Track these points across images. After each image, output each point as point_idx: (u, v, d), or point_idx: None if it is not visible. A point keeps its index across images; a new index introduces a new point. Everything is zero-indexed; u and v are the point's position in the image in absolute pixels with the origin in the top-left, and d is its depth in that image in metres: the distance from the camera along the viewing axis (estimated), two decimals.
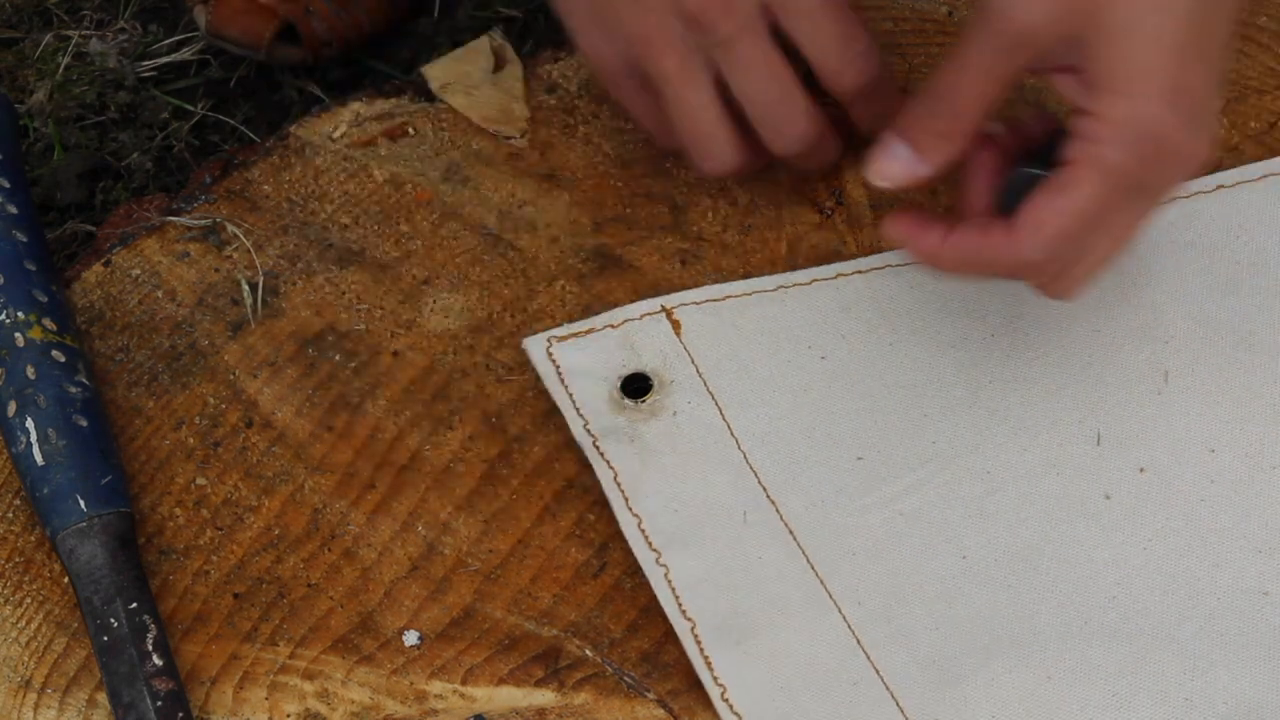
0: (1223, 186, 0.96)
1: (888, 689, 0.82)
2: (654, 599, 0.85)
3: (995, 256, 0.83)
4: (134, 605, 0.85)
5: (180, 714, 0.83)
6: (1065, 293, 0.86)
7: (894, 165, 0.86)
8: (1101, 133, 0.81)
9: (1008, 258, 0.83)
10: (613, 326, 0.92)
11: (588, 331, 0.91)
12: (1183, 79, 0.81)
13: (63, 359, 0.90)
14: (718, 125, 0.92)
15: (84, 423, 0.89)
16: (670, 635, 0.84)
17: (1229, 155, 0.98)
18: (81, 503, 0.86)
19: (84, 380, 0.90)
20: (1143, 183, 0.82)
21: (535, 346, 0.91)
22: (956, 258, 0.84)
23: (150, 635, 0.84)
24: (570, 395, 0.89)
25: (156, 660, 0.84)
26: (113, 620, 0.84)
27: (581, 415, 0.89)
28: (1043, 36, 0.81)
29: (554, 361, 0.90)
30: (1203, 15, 0.81)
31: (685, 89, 0.90)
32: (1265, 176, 0.97)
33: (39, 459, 0.87)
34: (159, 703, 0.82)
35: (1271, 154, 0.98)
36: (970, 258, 0.84)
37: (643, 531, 0.86)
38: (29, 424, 0.88)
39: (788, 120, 0.92)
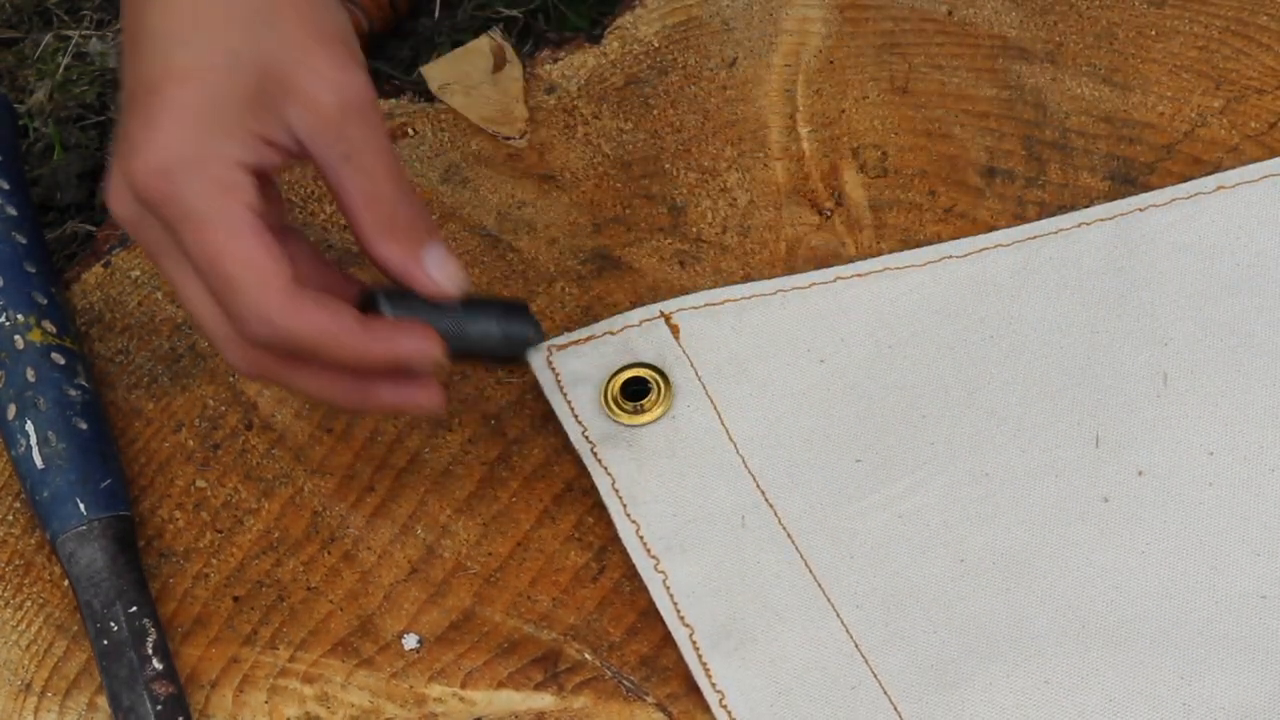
0: (1223, 187, 0.96)
1: (885, 693, 0.82)
2: (653, 602, 0.85)
3: None
4: (134, 609, 0.85)
5: (180, 718, 0.83)
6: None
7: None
8: None
9: None
10: (612, 334, 0.92)
11: (587, 339, 0.91)
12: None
13: (62, 361, 0.90)
14: (211, 324, 0.80)
15: (84, 425, 0.89)
16: (669, 639, 0.84)
17: (1229, 155, 0.98)
18: (81, 506, 0.87)
19: (84, 383, 0.90)
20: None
21: (535, 356, 0.91)
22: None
23: (150, 639, 0.84)
24: (569, 403, 0.89)
25: (156, 664, 0.84)
26: (112, 624, 0.84)
27: (580, 422, 0.89)
28: None
29: (554, 370, 0.90)
30: None
31: (178, 288, 0.80)
32: (1265, 177, 0.97)
33: (39, 462, 0.88)
34: (159, 707, 0.83)
35: (1271, 154, 0.98)
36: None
37: (641, 538, 0.86)
38: (29, 427, 0.88)
39: (228, 351, 0.80)
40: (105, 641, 0.84)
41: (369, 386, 0.81)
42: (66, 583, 0.87)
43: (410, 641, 0.86)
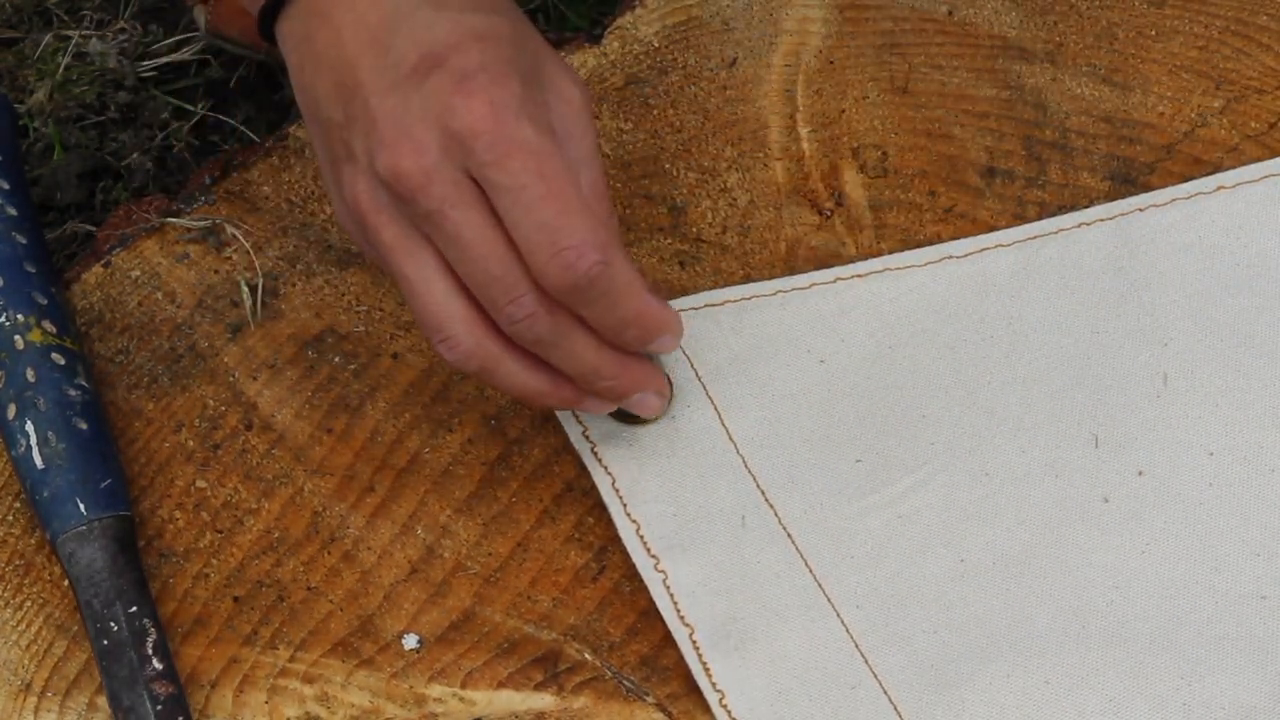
0: (1223, 187, 0.96)
1: (885, 693, 0.82)
2: (653, 602, 0.85)
3: None
4: (134, 609, 0.85)
5: (180, 718, 0.83)
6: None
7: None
8: None
9: None
10: None
11: None
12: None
13: (62, 362, 0.90)
14: (444, 302, 0.81)
15: (84, 426, 0.89)
16: (669, 639, 0.84)
17: (1229, 155, 0.98)
18: (81, 506, 0.87)
19: (84, 383, 0.90)
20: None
21: None
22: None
23: (150, 639, 0.84)
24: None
25: (156, 664, 0.84)
26: (113, 624, 0.84)
27: (580, 422, 0.89)
28: None
29: None
30: None
31: (403, 263, 0.81)
32: (1265, 177, 0.97)
33: (39, 462, 0.88)
34: (159, 707, 0.83)
35: (1271, 154, 0.98)
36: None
37: (641, 538, 0.86)
38: (29, 427, 0.88)
39: (510, 301, 0.80)
40: (105, 641, 0.84)
41: (626, 363, 0.83)
42: (66, 583, 0.87)
43: (410, 641, 0.86)
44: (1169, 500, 0.87)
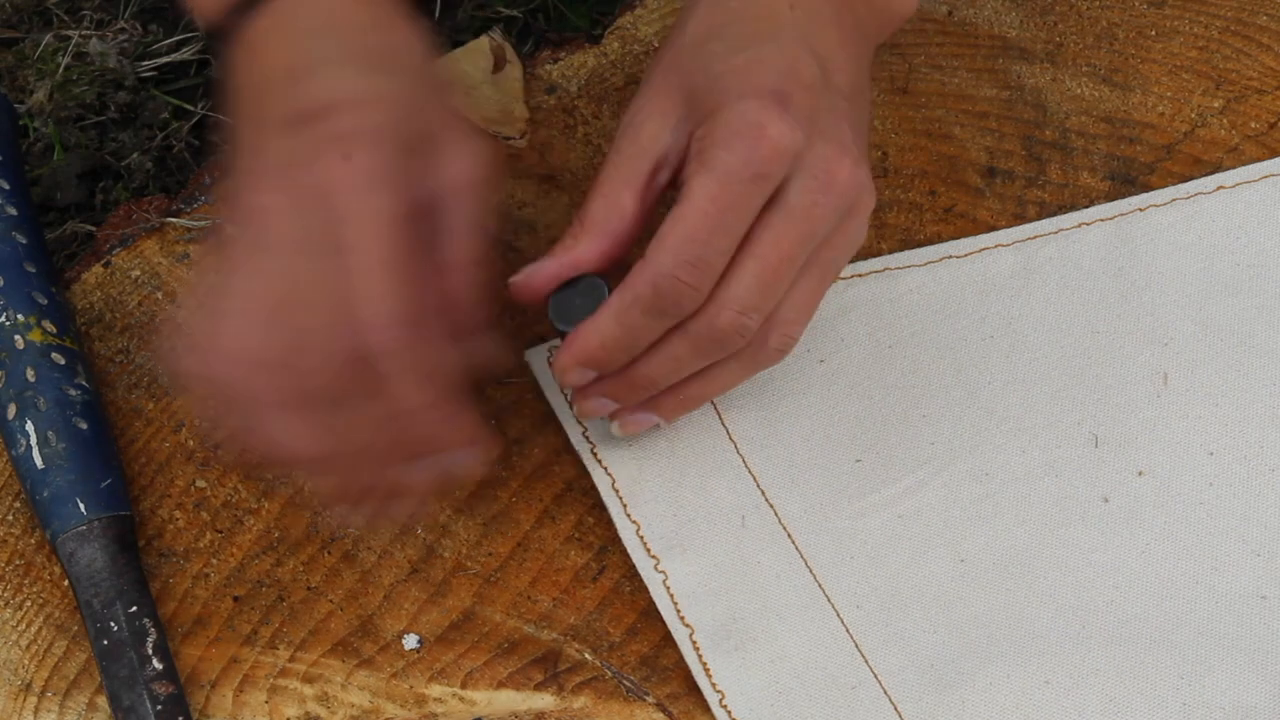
0: (1223, 187, 0.96)
1: (886, 693, 0.82)
2: (653, 602, 0.85)
3: (638, 285, 0.81)
4: (134, 609, 0.85)
5: (180, 718, 0.83)
6: (772, 348, 0.84)
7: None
8: (705, 140, 0.80)
9: (647, 279, 0.80)
10: None
11: None
12: (784, 85, 0.80)
13: (62, 361, 0.90)
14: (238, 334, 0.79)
15: (84, 425, 0.89)
16: (669, 639, 0.84)
17: (1229, 155, 0.98)
18: (81, 506, 0.87)
19: (84, 383, 0.90)
20: (760, 176, 0.80)
21: (536, 358, 0.91)
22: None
23: (150, 639, 0.84)
24: (569, 403, 0.89)
25: (156, 664, 0.84)
26: (112, 624, 0.84)
27: (580, 422, 0.89)
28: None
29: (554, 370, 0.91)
30: (797, 35, 0.82)
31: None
32: (1265, 177, 0.97)
33: (39, 462, 0.88)
34: (159, 706, 0.83)
35: (1271, 154, 0.98)
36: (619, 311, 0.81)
37: (641, 538, 0.86)
38: (29, 426, 0.88)
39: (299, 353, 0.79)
40: (105, 641, 0.84)
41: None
42: (66, 583, 0.87)
43: (410, 641, 0.86)
44: (1169, 500, 0.87)
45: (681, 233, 0.80)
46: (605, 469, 0.88)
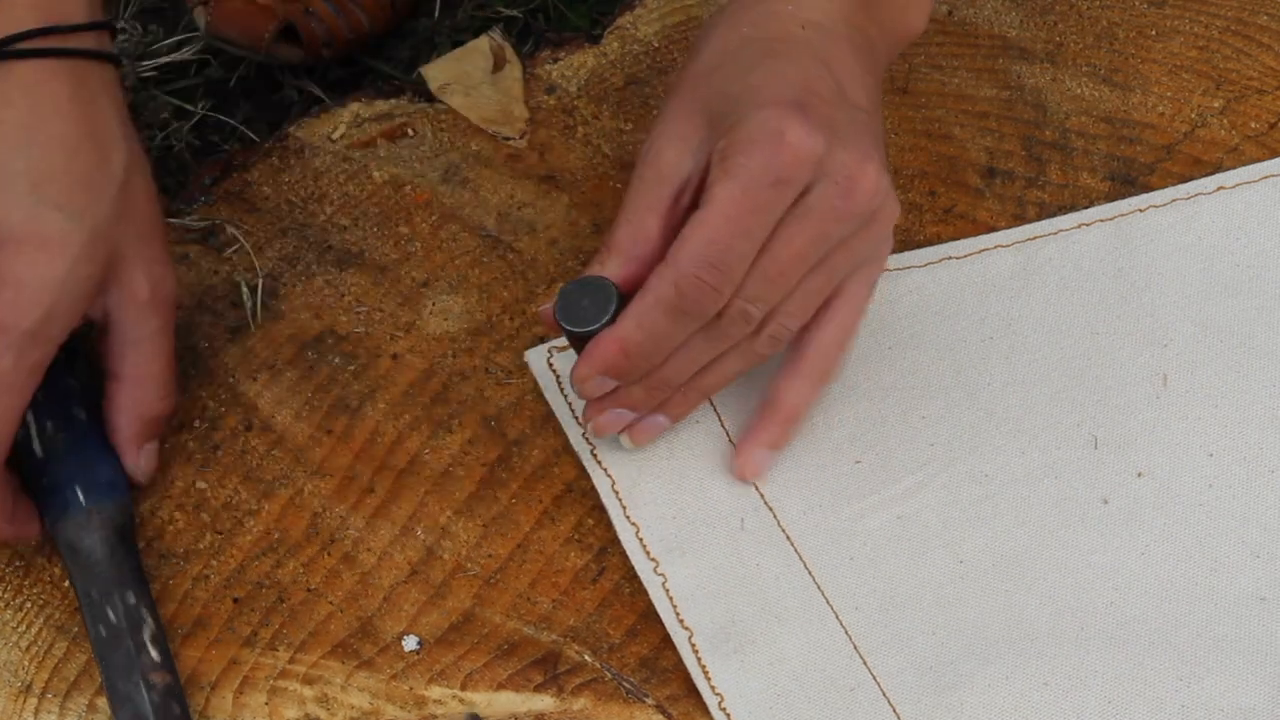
0: (1223, 188, 0.96)
1: (884, 695, 0.82)
2: (653, 604, 0.85)
3: (659, 287, 0.81)
4: (132, 598, 0.85)
5: (176, 707, 0.83)
6: (766, 336, 0.84)
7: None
8: (727, 149, 0.81)
9: (669, 280, 0.81)
10: None
11: None
12: (802, 97, 0.81)
13: (61, 352, 0.90)
14: None
15: (82, 415, 0.89)
16: (669, 640, 0.84)
17: (1229, 156, 0.98)
18: (80, 494, 0.87)
19: (82, 373, 0.90)
20: (781, 181, 0.80)
21: (536, 358, 0.91)
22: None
23: (147, 629, 0.84)
24: (569, 404, 0.89)
25: (153, 654, 0.84)
26: (110, 613, 0.84)
27: (580, 423, 0.89)
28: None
29: (554, 372, 0.91)
30: (822, 48, 0.84)
31: None
32: (1265, 177, 0.97)
33: (38, 450, 0.88)
34: (154, 695, 0.83)
35: (1271, 154, 0.98)
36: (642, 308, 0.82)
37: (640, 540, 0.86)
38: (28, 416, 0.88)
39: None
40: (102, 630, 0.84)
41: None
42: (67, 583, 0.87)
43: (410, 643, 0.86)
44: (1168, 501, 0.87)
45: (703, 235, 0.81)
46: (605, 470, 0.88)
